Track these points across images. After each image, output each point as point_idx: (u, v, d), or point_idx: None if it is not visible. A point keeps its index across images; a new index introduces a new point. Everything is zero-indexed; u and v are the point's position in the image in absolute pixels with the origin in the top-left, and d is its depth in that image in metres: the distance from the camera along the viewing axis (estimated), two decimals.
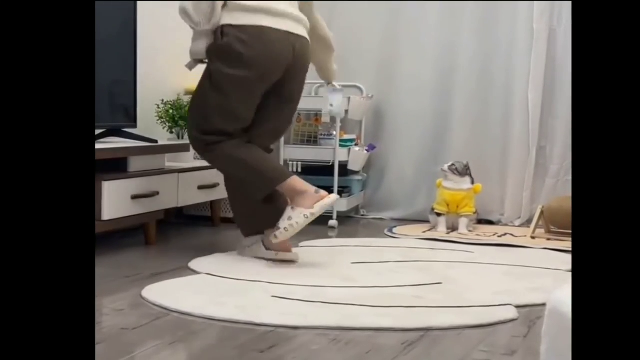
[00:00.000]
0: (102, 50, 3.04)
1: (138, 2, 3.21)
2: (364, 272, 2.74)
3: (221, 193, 3.68)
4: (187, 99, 3.64)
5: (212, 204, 3.71)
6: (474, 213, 3.76)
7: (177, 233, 3.48)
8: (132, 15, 3.19)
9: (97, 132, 3.17)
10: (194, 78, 4.04)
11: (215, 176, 3.61)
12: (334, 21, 4.18)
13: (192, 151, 3.58)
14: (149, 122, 3.54)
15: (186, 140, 3.52)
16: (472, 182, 3.77)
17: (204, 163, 3.68)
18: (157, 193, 3.11)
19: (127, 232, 3.35)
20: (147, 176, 3.08)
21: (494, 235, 3.62)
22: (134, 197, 2.97)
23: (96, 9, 2.96)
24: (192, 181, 3.41)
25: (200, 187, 3.47)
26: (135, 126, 3.23)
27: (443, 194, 3.74)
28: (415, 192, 4.15)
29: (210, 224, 3.73)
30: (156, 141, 3.21)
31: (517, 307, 2.28)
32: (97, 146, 2.88)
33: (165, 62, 3.83)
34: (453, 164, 3.77)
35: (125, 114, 3.21)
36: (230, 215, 3.82)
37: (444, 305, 2.28)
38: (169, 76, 3.87)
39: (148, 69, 3.57)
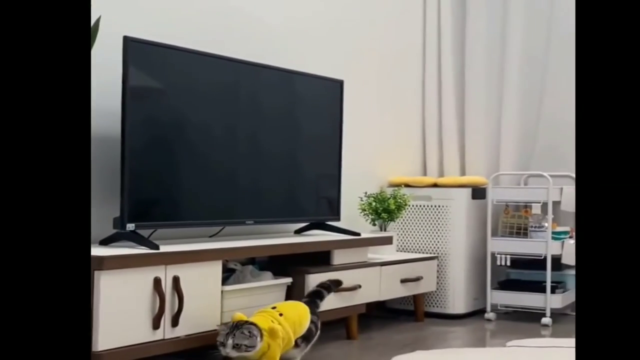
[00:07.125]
0: (310, 147, 3.11)
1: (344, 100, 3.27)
2: None
3: (425, 286, 3.57)
4: (389, 191, 3.62)
5: (415, 297, 3.60)
6: None
7: (379, 327, 3.40)
8: (338, 113, 3.24)
9: (302, 225, 3.21)
10: (397, 170, 4.04)
11: (419, 269, 3.51)
12: (543, 108, 4.02)
13: (394, 243, 3.52)
14: (352, 214, 3.54)
15: (388, 233, 3.47)
16: None
17: (407, 255, 3.61)
18: (359, 286, 3.06)
19: (328, 326, 3.32)
20: (350, 269, 3.05)
21: None
22: (336, 291, 2.94)
23: (306, 110, 3.06)
24: (395, 274, 3.34)
25: (403, 281, 3.38)
26: (338, 219, 3.24)
27: None
28: None
29: (413, 319, 3.61)
30: (359, 234, 3.19)
31: None
32: (302, 239, 2.91)
33: (369, 154, 3.86)
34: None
35: (329, 207, 3.23)
36: (434, 309, 3.70)
37: None
38: (372, 168, 3.88)
39: (352, 162, 3.60)
